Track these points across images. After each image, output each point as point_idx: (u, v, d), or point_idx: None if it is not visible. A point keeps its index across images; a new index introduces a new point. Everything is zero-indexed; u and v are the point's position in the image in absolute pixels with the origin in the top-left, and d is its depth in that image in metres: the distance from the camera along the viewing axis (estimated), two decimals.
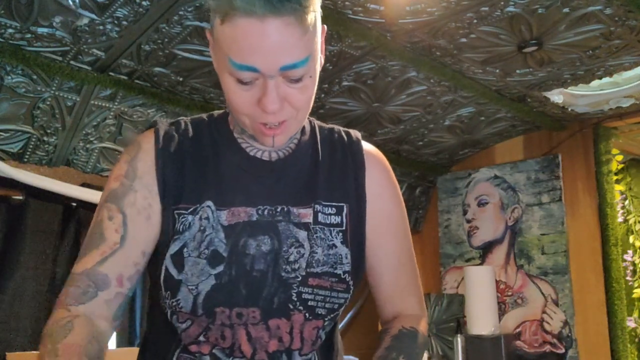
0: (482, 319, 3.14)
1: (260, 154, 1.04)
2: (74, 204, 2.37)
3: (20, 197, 2.22)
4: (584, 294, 3.27)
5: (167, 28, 2.06)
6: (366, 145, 1.13)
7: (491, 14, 2.19)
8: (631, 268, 4.22)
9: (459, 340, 3.13)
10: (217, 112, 1.10)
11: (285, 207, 1.00)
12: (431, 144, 3.50)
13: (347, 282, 1.00)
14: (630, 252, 4.23)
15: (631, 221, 4.31)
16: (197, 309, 0.94)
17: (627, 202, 4.33)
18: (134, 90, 2.37)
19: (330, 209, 1.03)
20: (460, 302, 3.43)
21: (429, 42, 2.39)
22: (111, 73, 2.26)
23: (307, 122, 1.10)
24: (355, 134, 1.13)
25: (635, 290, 4.19)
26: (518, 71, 2.70)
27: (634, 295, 4.18)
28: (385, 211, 1.09)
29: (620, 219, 3.95)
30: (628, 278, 4.10)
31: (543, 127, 3.48)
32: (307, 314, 0.98)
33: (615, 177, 3.46)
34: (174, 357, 0.99)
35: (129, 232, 0.97)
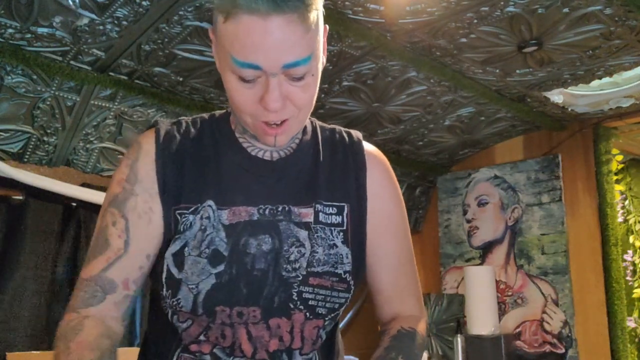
0: (482, 319, 3.14)
1: (261, 154, 1.04)
2: (74, 204, 2.37)
3: (20, 197, 2.22)
4: (584, 294, 3.27)
5: (167, 28, 2.06)
6: (367, 146, 1.13)
7: (491, 14, 2.19)
8: (631, 268, 4.22)
9: (459, 340, 3.13)
10: (218, 112, 1.10)
11: (287, 207, 1.00)
12: (431, 144, 3.50)
13: (347, 282, 1.00)
14: (630, 252, 4.23)
15: (631, 221, 4.32)
16: (198, 308, 0.95)
17: (627, 202, 4.34)
18: (134, 90, 2.37)
19: (331, 208, 1.03)
20: (460, 302, 3.43)
21: (429, 42, 2.39)
22: (111, 73, 2.26)
23: (308, 123, 1.10)
24: (356, 135, 1.13)
25: (635, 290, 4.19)
26: (518, 71, 2.70)
27: (634, 295, 4.18)
28: (385, 211, 1.09)
29: (620, 219, 3.95)
30: (628, 278, 4.10)
31: (543, 127, 3.48)
32: (307, 314, 0.98)
33: (615, 177, 3.46)
34: (174, 357, 1.00)
35: (131, 237, 0.98)
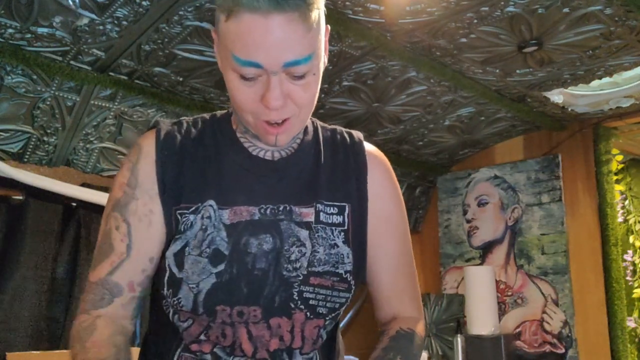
0: (482, 319, 3.14)
1: (262, 154, 1.04)
2: (74, 204, 2.37)
3: (20, 197, 2.22)
4: (584, 294, 3.27)
5: (167, 28, 2.06)
6: (368, 146, 1.13)
7: (491, 14, 2.19)
8: (631, 268, 4.22)
9: (459, 340, 3.13)
10: (219, 112, 1.11)
11: (288, 206, 1.00)
12: (431, 144, 3.50)
13: (348, 282, 1.00)
14: (630, 252, 4.23)
15: (631, 221, 4.32)
16: (198, 308, 0.95)
17: (627, 202, 4.34)
18: (134, 90, 2.36)
19: (332, 208, 1.03)
20: (460, 302, 3.43)
21: (429, 42, 2.39)
22: (111, 73, 2.26)
23: (309, 123, 1.10)
24: (357, 135, 1.13)
25: (635, 290, 4.19)
26: (518, 71, 2.70)
27: (634, 295, 4.18)
28: (385, 212, 1.09)
29: (620, 219, 3.95)
30: (628, 278, 4.10)
31: (543, 127, 3.48)
32: (308, 313, 0.98)
33: (615, 177, 3.46)
34: (175, 356, 1.00)
35: (133, 241, 0.99)
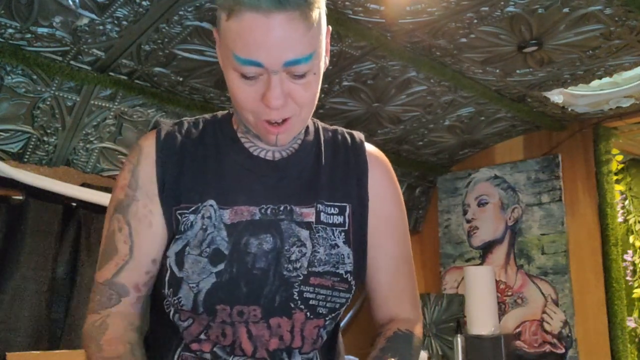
0: (482, 319, 3.14)
1: (263, 154, 1.04)
2: (74, 204, 2.37)
3: (20, 197, 2.22)
4: (584, 294, 3.27)
5: (167, 28, 2.06)
6: (369, 147, 1.13)
7: (491, 14, 2.19)
8: (631, 268, 4.22)
9: (459, 340, 3.12)
10: (221, 113, 1.11)
11: (288, 206, 1.01)
12: (431, 144, 3.50)
13: (349, 282, 1.00)
14: (630, 252, 4.23)
15: (631, 221, 4.32)
16: (198, 307, 0.95)
17: (627, 202, 4.34)
18: (134, 90, 2.36)
19: (332, 209, 1.03)
20: (460, 302, 3.43)
21: (429, 42, 2.39)
22: (111, 73, 2.26)
23: (311, 123, 1.11)
24: (358, 136, 1.13)
25: (635, 290, 4.19)
26: (518, 71, 2.70)
27: (634, 295, 4.18)
28: (385, 212, 1.10)
29: (620, 219, 3.95)
30: (628, 278, 4.10)
31: (543, 127, 3.48)
32: (308, 313, 0.98)
33: (615, 177, 3.46)
34: (175, 356, 1.00)
35: (135, 243, 1.00)
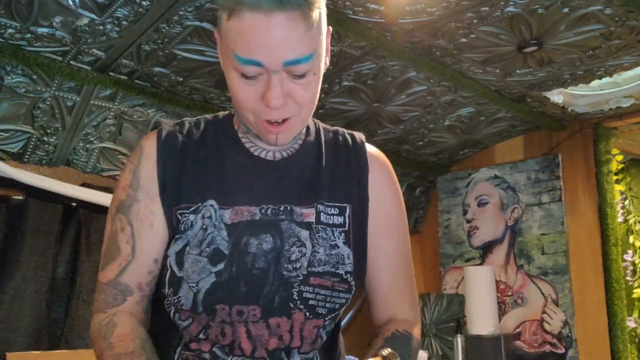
0: (482, 319, 3.14)
1: (264, 154, 1.04)
2: (74, 204, 2.37)
3: (20, 197, 2.22)
4: (584, 294, 3.27)
5: (167, 28, 2.06)
6: (370, 148, 1.13)
7: (491, 14, 2.19)
8: (631, 268, 4.22)
9: (459, 340, 3.12)
10: (222, 113, 1.12)
11: (288, 207, 1.01)
12: (431, 144, 3.50)
13: (348, 283, 1.00)
14: (630, 252, 4.23)
15: (631, 221, 4.32)
16: (198, 306, 0.95)
17: (627, 202, 4.34)
18: (134, 90, 2.36)
19: (332, 209, 1.04)
20: (460, 302, 3.43)
21: (429, 42, 2.39)
22: (111, 73, 2.26)
23: (312, 124, 1.11)
24: (359, 137, 1.14)
25: (635, 290, 4.19)
26: (518, 71, 2.70)
27: (634, 295, 4.18)
28: (385, 213, 1.10)
29: (620, 219, 3.95)
30: (628, 278, 4.10)
31: (543, 127, 3.48)
32: (307, 313, 0.98)
33: (615, 177, 3.46)
34: (176, 355, 1.00)
35: (137, 243, 1.00)
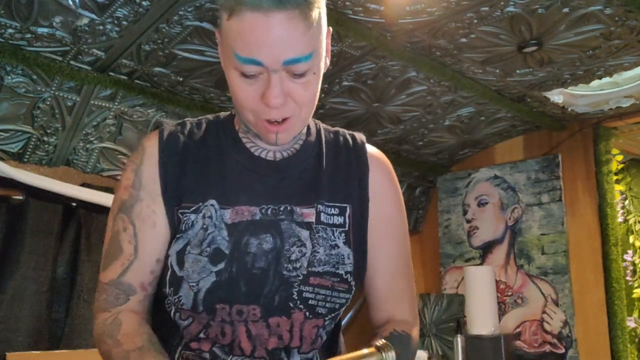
0: (482, 319, 3.14)
1: (264, 154, 1.04)
2: (74, 204, 2.36)
3: (20, 197, 2.22)
4: (584, 294, 3.27)
5: (167, 28, 2.06)
6: (370, 148, 1.13)
7: (491, 14, 2.19)
8: (631, 268, 4.22)
9: (459, 340, 3.12)
10: (223, 114, 1.12)
11: (289, 207, 1.01)
12: (431, 144, 3.50)
13: (348, 283, 1.00)
14: (630, 252, 4.23)
15: (631, 221, 4.32)
16: (198, 306, 0.96)
17: (627, 202, 4.34)
18: (134, 90, 2.36)
19: (333, 209, 1.04)
20: (460, 302, 3.43)
21: (429, 42, 2.39)
22: (111, 73, 2.26)
23: (312, 124, 1.11)
24: (360, 137, 1.14)
25: (635, 290, 4.19)
26: (518, 71, 2.70)
27: (634, 295, 4.18)
28: (385, 214, 1.10)
29: (620, 219, 3.95)
30: (628, 278, 4.10)
31: (543, 127, 3.48)
32: (307, 313, 0.98)
33: (615, 177, 3.46)
34: (176, 354, 1.00)
35: (139, 242, 1.00)
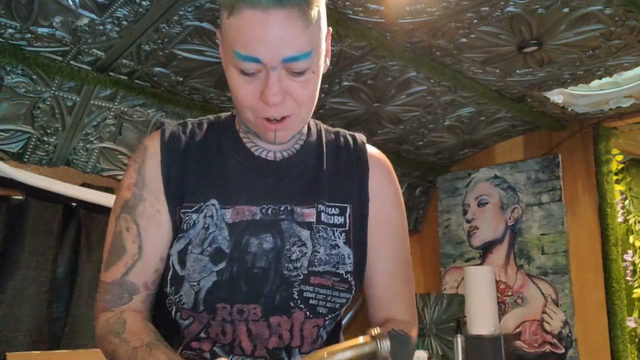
0: (482, 319, 3.14)
1: (265, 154, 1.05)
2: (74, 204, 2.37)
3: (20, 197, 2.22)
4: (584, 294, 3.27)
5: (167, 28, 2.06)
6: (371, 149, 1.13)
7: (491, 14, 2.19)
8: (631, 268, 4.22)
9: (459, 340, 3.12)
10: (224, 114, 1.12)
11: (289, 206, 1.01)
12: (431, 144, 3.50)
13: (349, 282, 1.01)
14: (630, 252, 4.23)
15: (631, 221, 4.31)
16: (199, 305, 0.96)
17: (627, 202, 4.33)
18: (134, 90, 2.37)
19: (333, 209, 1.04)
20: (460, 302, 3.43)
21: (429, 42, 2.39)
22: (111, 73, 2.26)
23: (313, 124, 1.11)
24: (360, 138, 1.14)
25: (635, 290, 4.19)
26: (518, 71, 2.70)
27: (634, 295, 4.18)
28: (385, 214, 1.10)
29: (620, 219, 3.95)
30: (628, 278, 4.10)
31: (543, 127, 3.48)
32: (307, 312, 0.98)
33: (615, 177, 3.46)
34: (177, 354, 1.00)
35: (143, 242, 1.00)
